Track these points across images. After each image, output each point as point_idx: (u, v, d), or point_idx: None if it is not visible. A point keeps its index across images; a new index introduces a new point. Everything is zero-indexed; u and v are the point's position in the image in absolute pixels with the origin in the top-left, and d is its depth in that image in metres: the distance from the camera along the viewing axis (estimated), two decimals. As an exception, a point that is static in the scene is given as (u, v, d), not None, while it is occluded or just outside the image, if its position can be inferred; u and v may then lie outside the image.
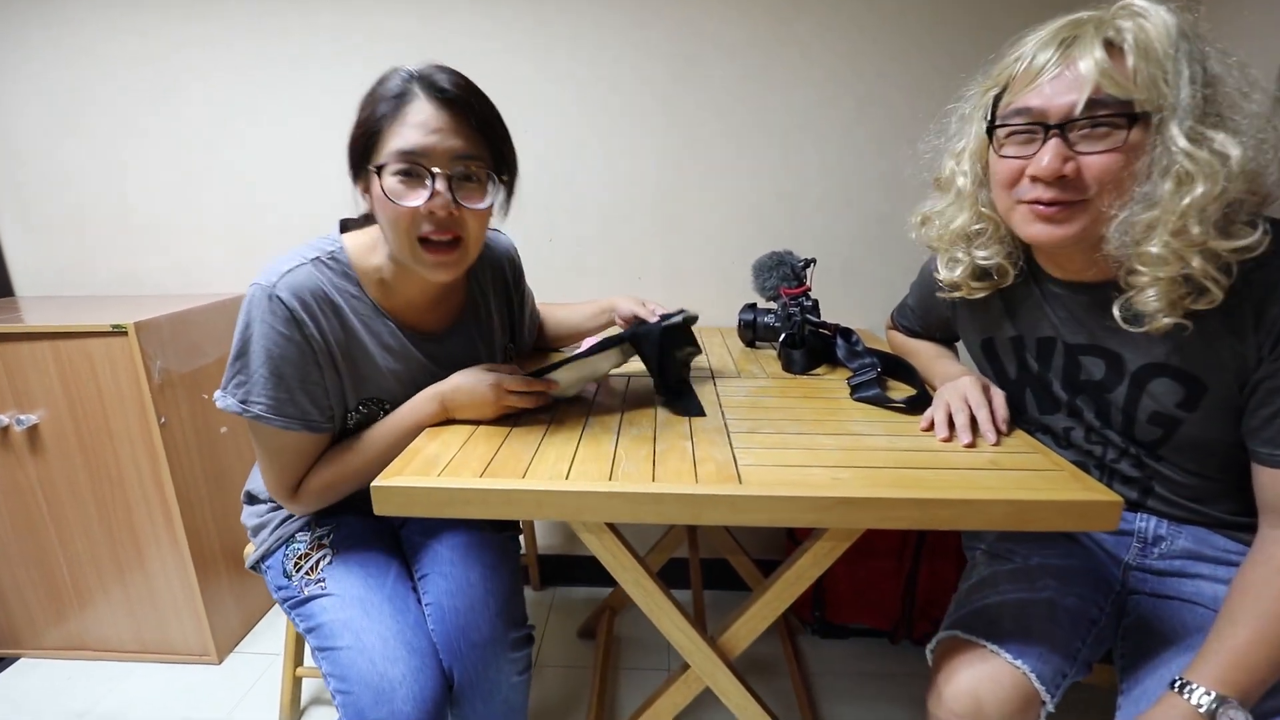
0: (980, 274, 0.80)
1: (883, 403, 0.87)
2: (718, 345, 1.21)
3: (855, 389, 0.90)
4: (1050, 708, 0.68)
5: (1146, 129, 0.61)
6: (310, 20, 1.30)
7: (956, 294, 0.83)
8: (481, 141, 0.72)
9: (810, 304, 1.09)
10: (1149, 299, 0.64)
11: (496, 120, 0.75)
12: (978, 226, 0.77)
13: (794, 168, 1.35)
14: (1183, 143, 0.59)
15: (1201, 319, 0.64)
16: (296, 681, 1.21)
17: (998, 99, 0.70)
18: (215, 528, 1.35)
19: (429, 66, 0.72)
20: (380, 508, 0.66)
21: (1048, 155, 0.64)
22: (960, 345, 1.00)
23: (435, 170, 0.69)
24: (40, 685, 1.32)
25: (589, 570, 1.57)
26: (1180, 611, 0.73)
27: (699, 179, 1.36)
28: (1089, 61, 0.60)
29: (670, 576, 1.39)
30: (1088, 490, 0.64)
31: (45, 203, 1.44)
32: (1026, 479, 0.66)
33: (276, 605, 1.52)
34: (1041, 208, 0.67)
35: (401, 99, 0.70)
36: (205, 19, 1.31)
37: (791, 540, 1.45)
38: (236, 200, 1.41)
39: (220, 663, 1.37)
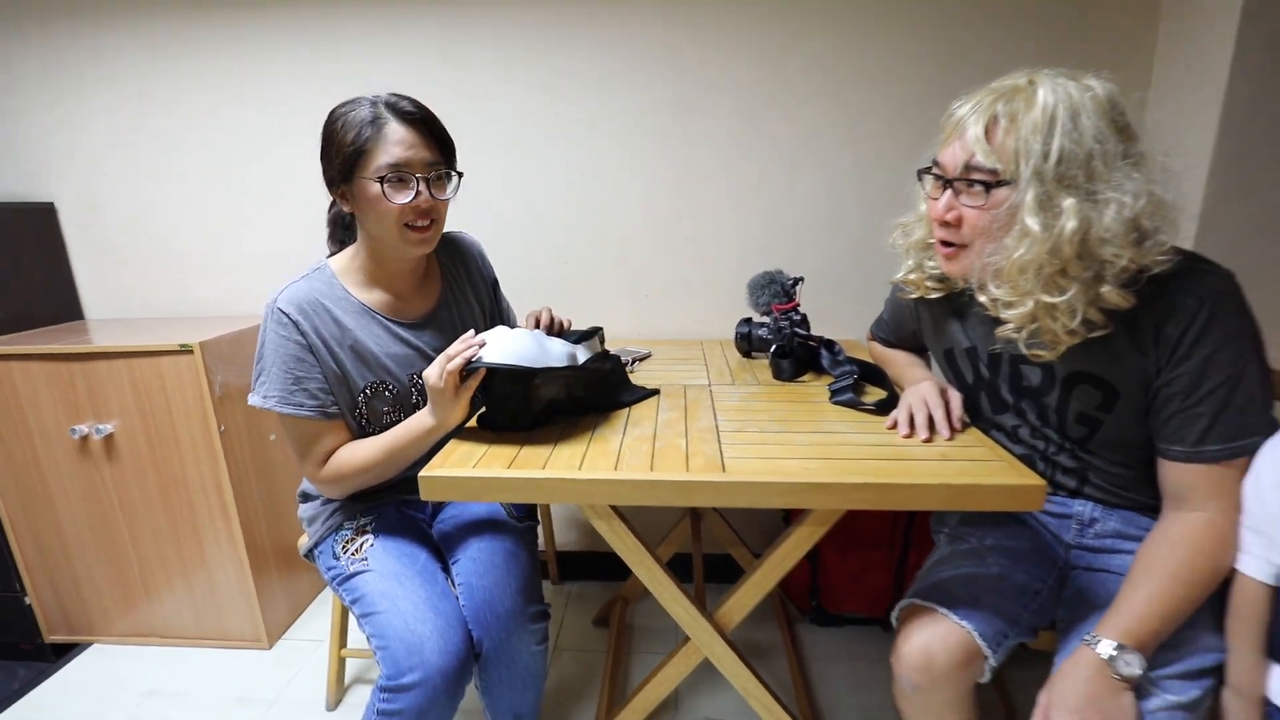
0: (936, 279, 0.92)
1: (856, 405, 0.99)
2: (717, 356, 1.34)
3: (834, 394, 1.02)
4: (992, 662, 0.79)
5: (1010, 191, 0.73)
6: (337, 64, 1.46)
7: (916, 294, 0.95)
8: (440, 149, 0.93)
9: (799, 318, 1.21)
10: (1009, 328, 0.78)
11: (444, 131, 0.95)
12: (931, 240, 0.89)
13: (784, 195, 1.48)
14: (1030, 206, 0.71)
15: (1112, 336, 0.76)
16: (341, 661, 1.34)
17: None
18: (266, 525, 1.50)
19: (390, 95, 0.91)
20: (426, 494, 0.79)
21: (941, 203, 0.79)
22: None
23: (418, 176, 0.89)
24: (112, 668, 1.47)
25: (604, 565, 1.70)
26: (1108, 583, 0.84)
27: (699, 206, 1.50)
28: (972, 132, 0.74)
29: (676, 570, 1.51)
30: (1019, 476, 0.75)
31: (111, 237, 1.62)
32: (969, 467, 0.78)
33: (319, 596, 1.69)
34: (942, 246, 0.82)
35: (378, 123, 0.88)
36: (243, 63, 1.48)
37: (790, 536, 1.56)
38: (276, 231, 1.58)
39: (270, 648, 1.51)
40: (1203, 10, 1.23)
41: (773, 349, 1.19)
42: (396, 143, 0.88)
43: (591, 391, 0.99)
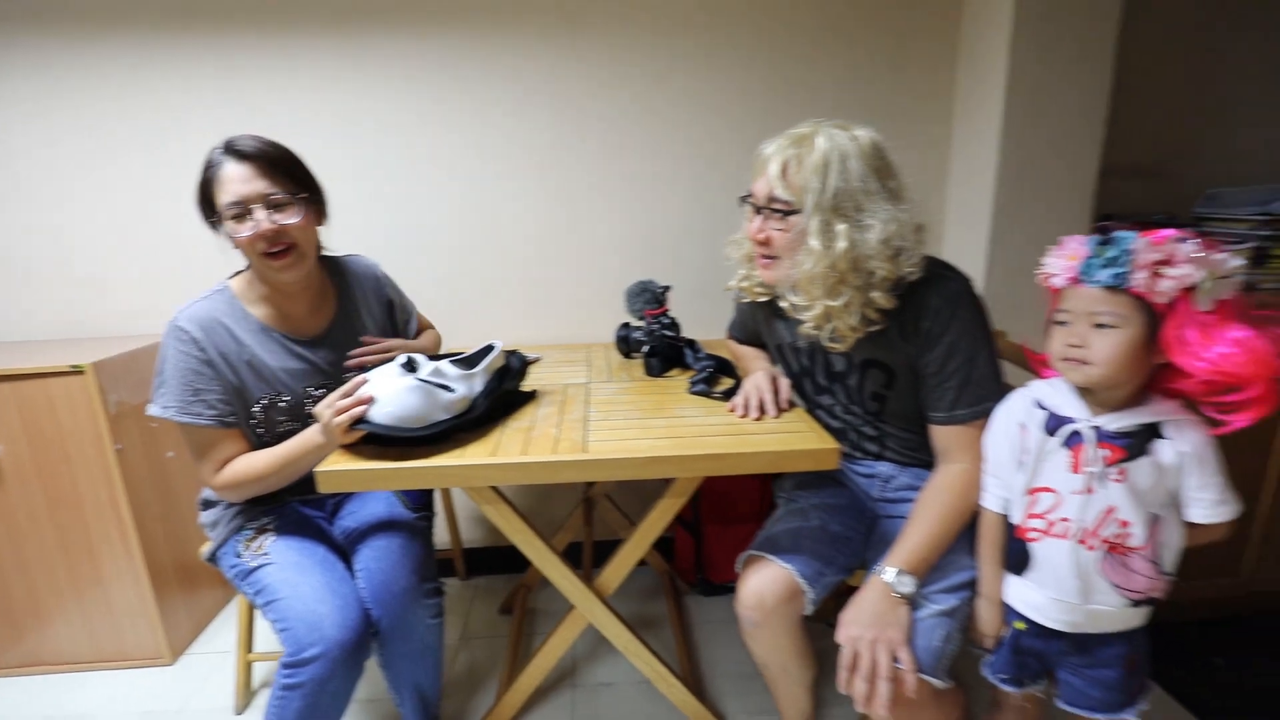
0: (761, 285, 1.09)
1: (707, 394, 1.17)
2: (600, 358, 1.49)
3: (690, 385, 1.20)
4: (811, 595, 0.98)
5: (799, 218, 0.93)
6: (231, 88, 1.51)
7: (747, 298, 1.13)
8: (278, 177, 0.99)
9: (669, 321, 1.38)
10: (808, 326, 0.98)
11: (286, 160, 1.01)
12: (755, 259, 1.08)
13: (658, 212, 1.65)
14: (814, 230, 0.91)
15: (886, 330, 0.97)
16: (248, 666, 1.39)
17: None
18: (166, 541, 1.51)
19: (233, 136, 0.98)
20: (324, 487, 0.90)
21: (755, 225, 0.99)
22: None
23: (254, 208, 0.97)
24: (1, 702, 1.44)
25: (507, 558, 1.81)
26: (901, 526, 1.05)
27: (581, 222, 1.65)
28: (773, 170, 0.93)
29: (572, 557, 1.65)
30: (819, 442, 0.95)
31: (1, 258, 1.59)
32: (784, 439, 0.97)
33: (224, 609, 1.70)
34: (760, 259, 1.01)
35: (216, 165, 0.97)
36: (136, 85, 1.50)
37: (678, 519, 1.73)
38: (172, 251, 1.60)
39: (173, 663, 1.52)
40: (984, 67, 1.51)
41: (645, 349, 1.35)
42: (232, 180, 0.96)
43: (472, 425, 1.02)
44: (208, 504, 1.15)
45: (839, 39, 1.58)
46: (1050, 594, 0.86)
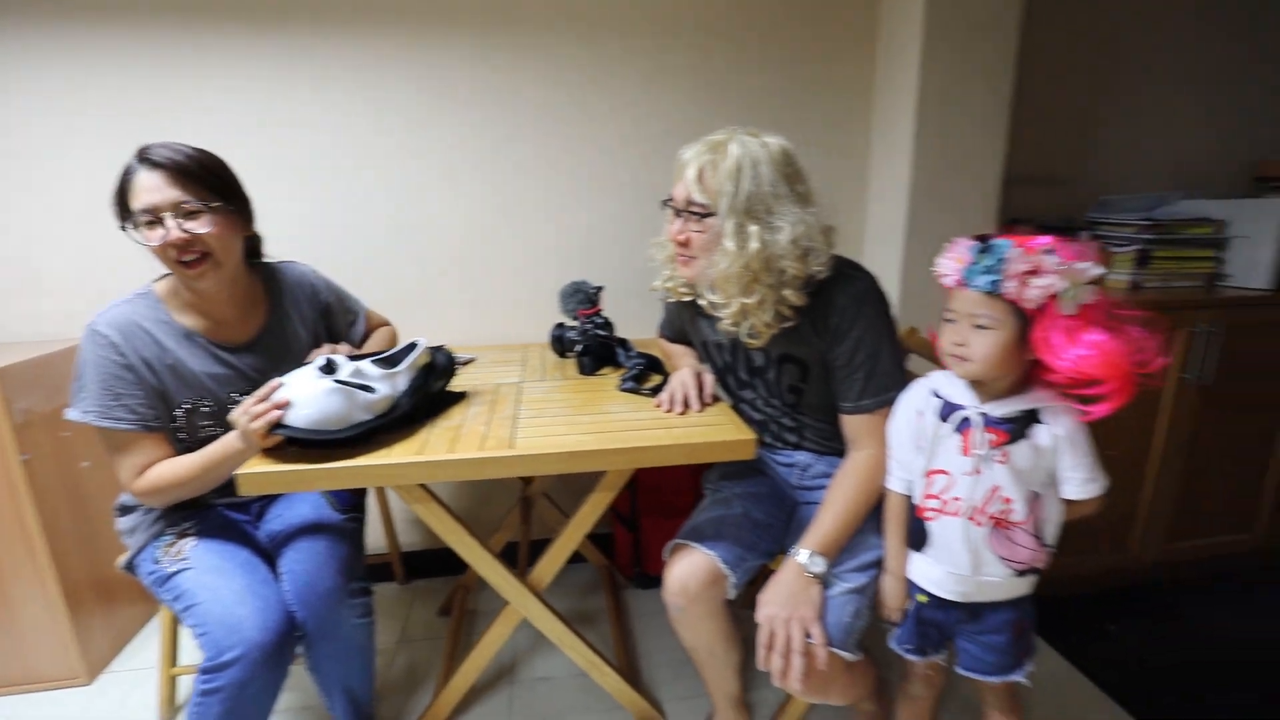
0: (683, 285, 1.14)
1: (636, 391, 1.20)
2: (536, 358, 1.51)
3: (621, 383, 1.23)
4: (733, 580, 1.04)
5: (715, 220, 0.98)
6: (149, 86, 1.46)
7: (672, 298, 1.18)
8: (193, 186, 0.97)
9: (602, 321, 1.42)
10: (726, 323, 1.03)
11: (203, 168, 0.99)
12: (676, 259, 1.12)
13: (595, 213, 1.69)
14: (729, 232, 0.96)
15: (799, 326, 1.03)
16: (172, 681, 1.35)
17: None
18: (81, 555, 1.44)
19: (148, 145, 0.97)
20: (245, 489, 0.89)
21: (675, 227, 1.03)
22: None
23: (165, 215, 0.95)
24: (-107, 730, 1.35)
25: (446, 560, 1.80)
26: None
27: (519, 224, 1.67)
28: (690, 174, 0.99)
29: (513, 558, 1.66)
30: (736, 433, 1.00)
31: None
32: (706, 430, 1.02)
33: (146, 625, 1.64)
34: (680, 259, 1.05)
35: (132, 172, 0.96)
36: (48, 86, 1.44)
37: (616, 515, 1.77)
38: (80, 254, 1.53)
39: (91, 682, 1.46)
40: (897, 84, 1.60)
41: (578, 349, 1.38)
42: (144, 189, 0.95)
43: (397, 425, 1.03)
44: (125, 509, 1.11)
45: (767, 51, 1.65)
46: (946, 568, 0.93)
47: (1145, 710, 1.32)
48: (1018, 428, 0.87)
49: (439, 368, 1.14)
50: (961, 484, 0.90)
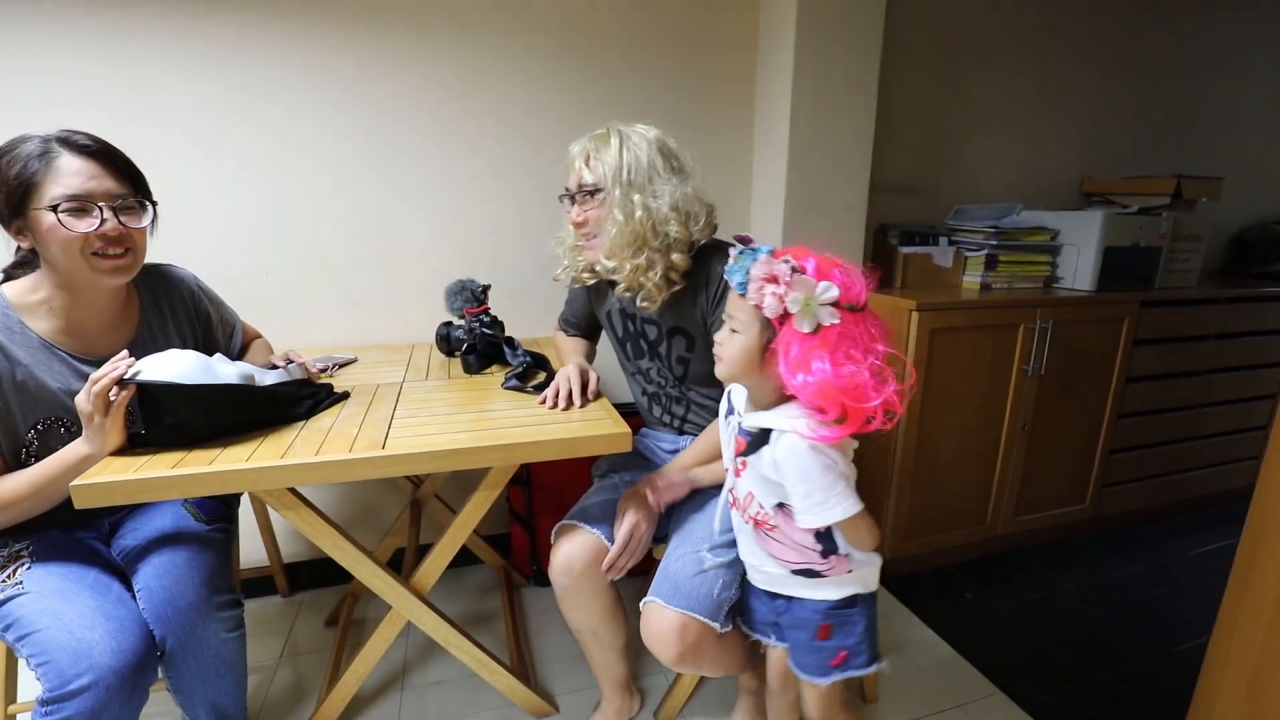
0: (586, 269, 1.20)
1: (520, 389, 1.22)
2: (421, 357, 1.49)
3: (505, 381, 1.24)
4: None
5: (605, 195, 1.09)
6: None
7: (577, 285, 1.26)
8: (126, 180, 0.96)
9: (489, 319, 1.41)
10: (621, 289, 1.11)
11: (132, 164, 0.98)
12: (579, 243, 1.19)
13: (480, 210, 1.68)
14: (616, 201, 1.08)
15: (681, 297, 1.13)
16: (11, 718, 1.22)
17: None
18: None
19: (63, 131, 0.91)
20: (80, 502, 0.83)
21: (574, 212, 1.13)
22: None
23: (102, 204, 0.91)
24: None
25: (333, 571, 1.73)
26: (696, 494, 1.18)
27: (403, 220, 1.63)
28: (579, 163, 1.12)
29: (401, 564, 1.62)
30: (614, 427, 1.03)
31: None
32: (586, 425, 1.04)
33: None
34: (585, 241, 1.14)
35: (48, 156, 0.89)
36: None
37: (513, 514, 1.77)
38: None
39: (-89, 727, 1.30)
40: (772, 96, 1.70)
41: (463, 348, 1.37)
42: (73, 174, 0.89)
43: (267, 410, 1.02)
44: (-55, 533, 1.00)
45: (648, 56, 1.70)
46: (745, 555, 1.02)
47: (994, 665, 1.48)
48: (754, 443, 0.89)
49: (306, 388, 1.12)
50: (735, 482, 0.97)
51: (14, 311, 0.95)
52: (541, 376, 1.27)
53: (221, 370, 0.96)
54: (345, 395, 1.18)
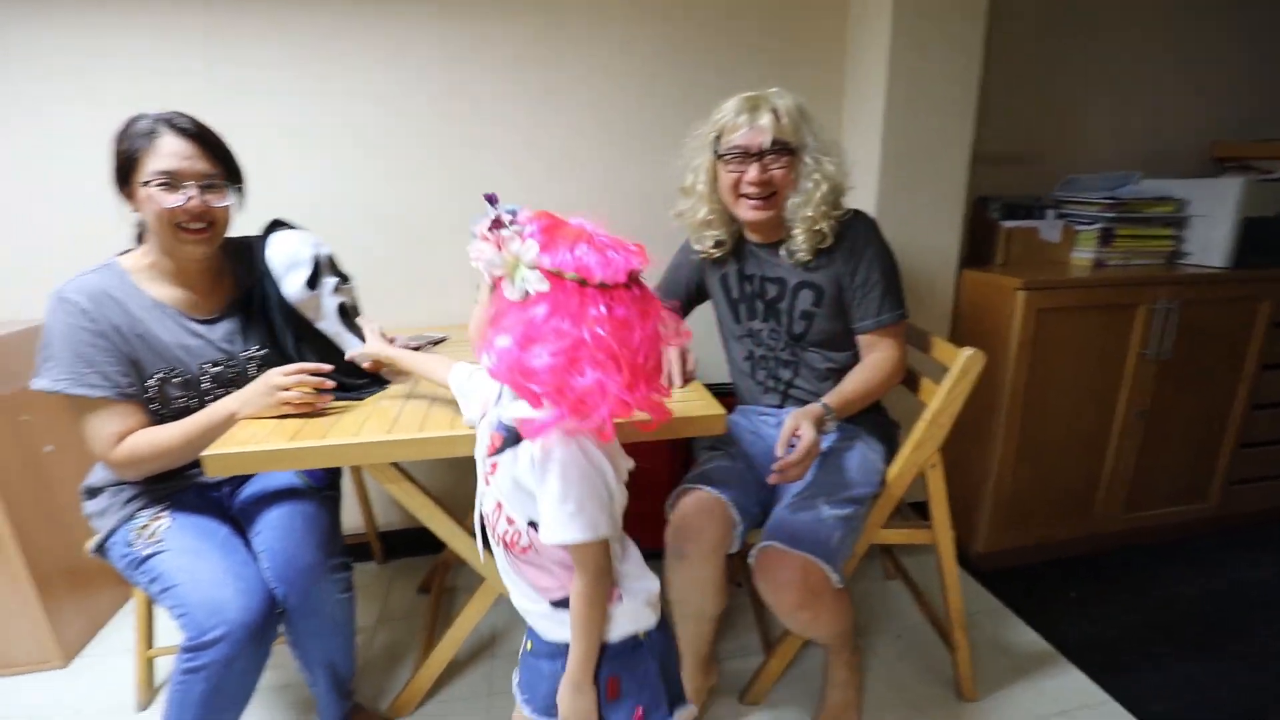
0: (717, 244, 1.23)
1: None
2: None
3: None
4: (740, 527, 1.08)
5: (796, 156, 1.10)
6: (82, 65, 1.42)
7: (704, 256, 1.27)
8: (217, 163, 1.03)
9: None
10: (799, 243, 1.15)
11: (224, 147, 1.05)
12: (711, 217, 1.20)
13: (566, 195, 1.68)
14: (812, 164, 1.10)
15: (820, 254, 1.15)
16: (149, 662, 1.34)
17: (718, 139, 1.13)
18: (49, 540, 1.42)
19: (169, 112, 0.99)
20: (211, 471, 0.89)
21: (754, 170, 1.10)
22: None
23: (188, 183, 0.98)
24: None
25: (425, 540, 1.80)
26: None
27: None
28: (766, 120, 1.08)
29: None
30: (708, 409, 1.01)
31: None
32: (682, 407, 1.03)
33: (121, 608, 1.63)
34: (753, 200, 1.13)
35: (153, 134, 0.97)
36: None
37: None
38: (22, 235, 1.50)
39: (67, 665, 1.45)
40: (867, 63, 1.61)
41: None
42: (170, 153, 0.97)
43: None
44: (92, 492, 1.10)
45: (736, 26, 1.64)
46: (505, 578, 0.82)
47: (1102, 670, 1.38)
48: (510, 438, 0.72)
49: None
50: (482, 491, 0.79)
51: (129, 275, 1.04)
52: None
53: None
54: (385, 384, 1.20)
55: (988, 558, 1.70)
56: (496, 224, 0.67)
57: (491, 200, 0.72)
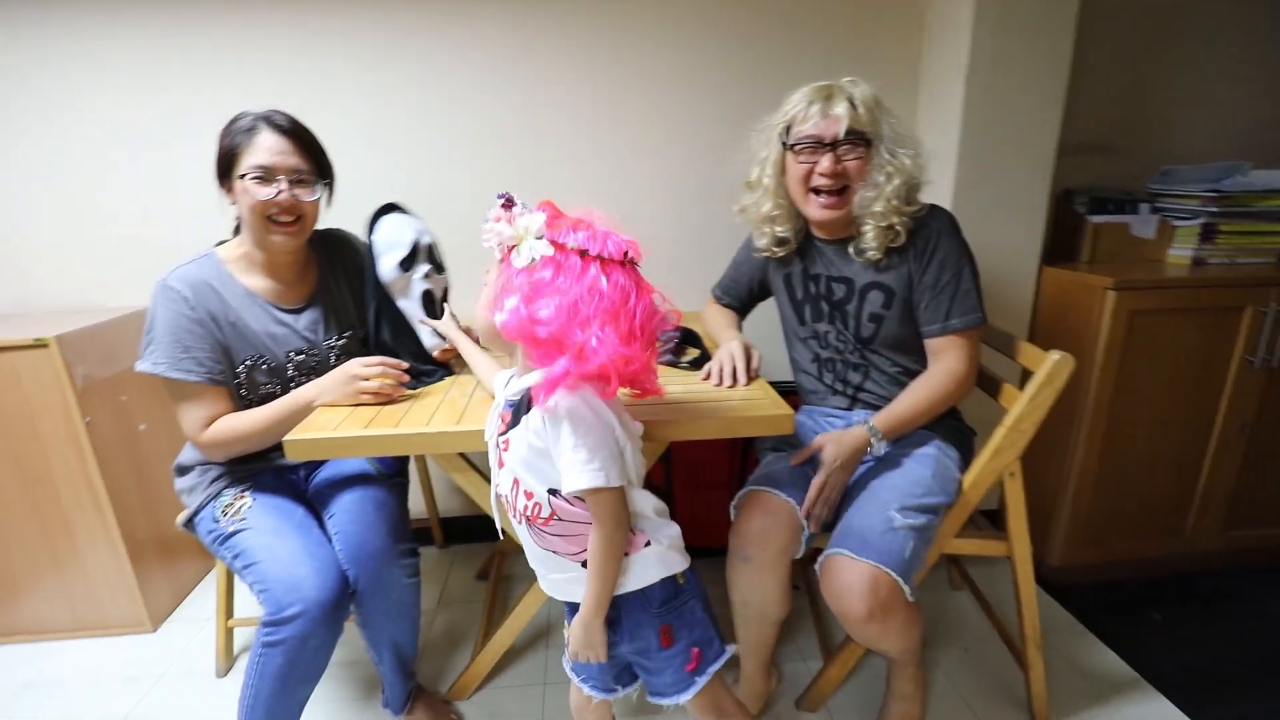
0: (779, 242, 1.19)
1: (674, 364, 1.20)
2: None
3: (658, 357, 1.23)
4: (809, 530, 1.06)
5: (871, 147, 1.05)
6: (183, 60, 1.50)
7: (767, 255, 1.23)
8: (309, 159, 1.08)
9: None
10: (869, 240, 1.09)
11: (317, 145, 1.10)
12: (777, 212, 1.16)
13: (629, 188, 1.67)
14: (887, 156, 1.05)
15: (891, 253, 1.10)
16: (229, 631, 1.42)
17: (787, 129, 1.09)
18: (143, 512, 1.53)
19: (268, 110, 1.06)
20: (291, 455, 0.92)
21: (827, 161, 1.06)
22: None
23: (280, 178, 1.04)
24: (-20, 668, 1.46)
25: (485, 527, 1.84)
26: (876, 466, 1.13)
27: (558, 198, 1.66)
28: (841, 109, 1.03)
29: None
30: (774, 409, 0.99)
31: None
32: (747, 405, 1.01)
33: (204, 579, 1.73)
34: (823, 198, 1.09)
35: (253, 131, 1.03)
36: (90, 53, 1.48)
37: (651, 489, 1.78)
38: (132, 224, 1.59)
39: (155, 630, 1.55)
40: (946, 46, 1.53)
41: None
42: (266, 149, 1.03)
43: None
44: (183, 470, 1.16)
45: (804, 17, 1.59)
46: (534, 565, 0.88)
47: (1191, 699, 1.29)
48: (518, 411, 0.78)
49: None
50: (497, 476, 0.84)
51: (224, 265, 1.10)
52: (695, 353, 1.24)
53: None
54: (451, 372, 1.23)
55: (1062, 572, 1.61)
56: (508, 204, 0.76)
57: (509, 203, 0.79)
